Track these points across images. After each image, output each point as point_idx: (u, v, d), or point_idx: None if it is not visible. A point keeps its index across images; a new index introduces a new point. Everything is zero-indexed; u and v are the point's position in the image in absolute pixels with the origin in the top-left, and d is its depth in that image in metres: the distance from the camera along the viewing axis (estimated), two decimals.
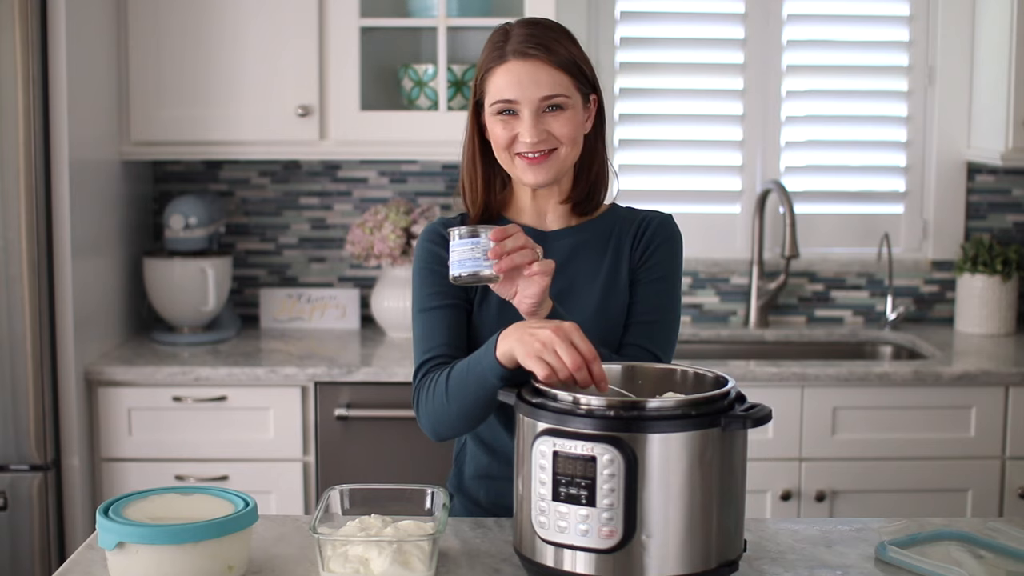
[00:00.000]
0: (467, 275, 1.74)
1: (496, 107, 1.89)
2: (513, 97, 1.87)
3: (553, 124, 1.88)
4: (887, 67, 3.66)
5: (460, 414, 1.83)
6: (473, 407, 1.80)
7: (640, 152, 3.66)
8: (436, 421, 1.88)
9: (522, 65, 1.87)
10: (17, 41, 2.81)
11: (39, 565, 2.93)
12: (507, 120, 1.88)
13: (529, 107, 1.87)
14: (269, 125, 3.28)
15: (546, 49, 1.88)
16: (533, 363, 1.66)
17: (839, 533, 1.86)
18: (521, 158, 1.90)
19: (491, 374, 1.74)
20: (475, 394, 1.78)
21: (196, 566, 1.59)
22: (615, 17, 3.60)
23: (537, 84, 1.86)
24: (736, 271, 3.69)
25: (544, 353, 1.65)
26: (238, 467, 3.10)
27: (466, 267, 1.74)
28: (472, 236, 1.73)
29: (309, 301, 3.58)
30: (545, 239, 1.98)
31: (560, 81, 1.88)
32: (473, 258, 1.73)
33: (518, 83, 1.87)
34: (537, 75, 1.87)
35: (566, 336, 1.66)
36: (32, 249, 2.87)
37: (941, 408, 3.11)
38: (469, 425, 1.86)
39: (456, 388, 1.81)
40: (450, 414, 1.84)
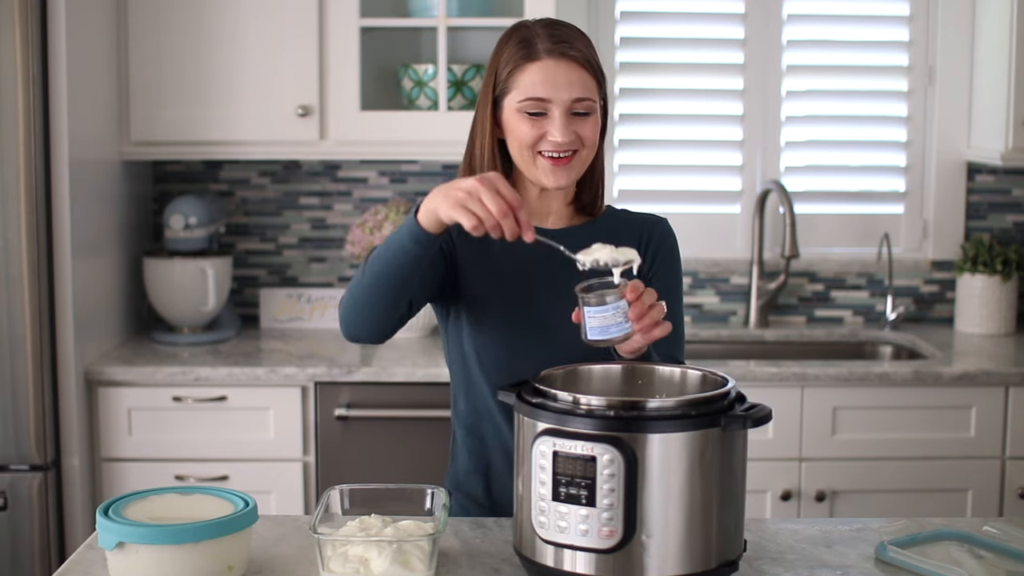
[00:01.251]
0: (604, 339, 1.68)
1: (526, 104, 1.87)
2: (547, 96, 1.86)
3: (582, 127, 1.88)
4: (887, 67, 3.66)
5: (371, 286, 1.79)
6: (383, 278, 1.77)
7: (640, 152, 3.66)
8: (350, 304, 1.83)
9: (557, 64, 1.86)
10: (17, 41, 2.81)
11: (39, 565, 2.93)
12: (536, 120, 1.87)
13: (561, 108, 1.86)
14: (269, 125, 3.28)
15: (578, 51, 1.88)
16: (458, 213, 1.66)
17: (839, 533, 1.86)
18: (544, 158, 1.88)
19: (409, 237, 1.73)
20: (392, 261, 1.76)
21: (196, 566, 1.59)
22: (615, 17, 3.60)
23: (571, 85, 1.86)
24: (736, 271, 3.69)
25: (469, 202, 1.65)
26: (238, 467, 3.10)
27: (608, 333, 1.68)
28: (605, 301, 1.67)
29: (309, 301, 3.58)
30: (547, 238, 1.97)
31: (590, 85, 1.88)
32: (615, 323, 1.68)
33: (553, 83, 1.86)
34: (571, 76, 1.86)
35: (491, 184, 1.66)
36: (32, 249, 2.87)
37: (941, 408, 3.11)
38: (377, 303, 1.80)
39: (373, 261, 1.79)
40: (362, 289, 1.80)
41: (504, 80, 1.90)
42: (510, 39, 1.92)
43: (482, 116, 1.95)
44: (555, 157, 1.88)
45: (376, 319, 1.84)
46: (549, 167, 1.89)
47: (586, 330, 1.70)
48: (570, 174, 1.90)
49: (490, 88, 1.93)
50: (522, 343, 1.91)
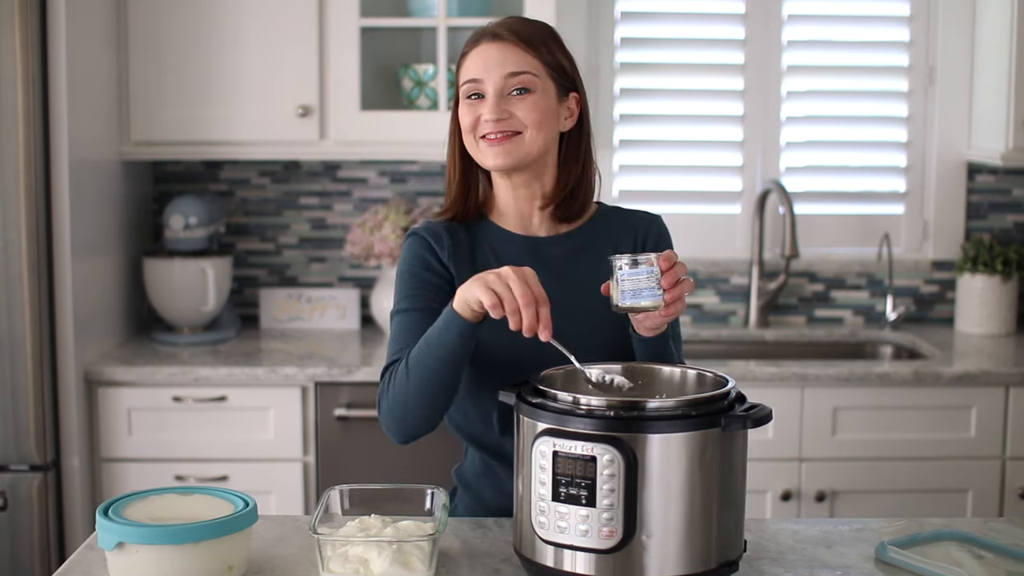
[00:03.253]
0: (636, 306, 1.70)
1: (465, 89, 1.88)
2: (478, 76, 1.87)
3: (519, 106, 1.86)
4: (887, 67, 3.66)
5: (420, 388, 1.78)
6: (433, 374, 1.76)
7: (640, 152, 3.66)
8: (397, 407, 1.82)
9: (491, 46, 1.87)
10: (17, 41, 2.81)
11: (39, 565, 2.93)
12: (473, 103, 1.88)
13: (493, 86, 1.86)
14: (269, 125, 3.28)
15: (518, 34, 1.88)
16: (482, 292, 1.66)
17: (839, 533, 1.86)
18: (483, 140, 1.88)
19: (452, 331, 1.73)
20: (436, 357, 1.75)
21: (196, 566, 1.59)
22: (615, 17, 3.60)
23: (502, 63, 1.86)
24: (736, 271, 3.69)
25: (496, 284, 1.66)
26: (238, 467, 3.10)
27: (641, 297, 1.69)
28: (639, 265, 1.69)
29: (309, 301, 3.58)
30: (538, 246, 1.95)
31: (526, 61, 1.87)
32: (648, 287, 1.69)
33: (484, 62, 1.87)
34: (504, 54, 1.86)
35: (522, 274, 1.66)
36: (32, 249, 2.87)
37: (941, 408, 3.11)
38: (430, 403, 1.80)
39: (417, 359, 1.78)
40: (410, 391, 1.79)
41: (457, 76, 1.93)
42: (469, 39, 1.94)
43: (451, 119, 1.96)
44: (491, 136, 1.87)
45: (435, 414, 1.83)
46: (487, 147, 1.88)
47: (618, 294, 1.71)
48: (509, 155, 1.87)
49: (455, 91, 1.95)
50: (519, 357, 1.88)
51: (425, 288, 1.91)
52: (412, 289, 1.92)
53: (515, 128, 1.87)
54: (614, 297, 1.72)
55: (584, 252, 1.96)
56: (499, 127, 1.86)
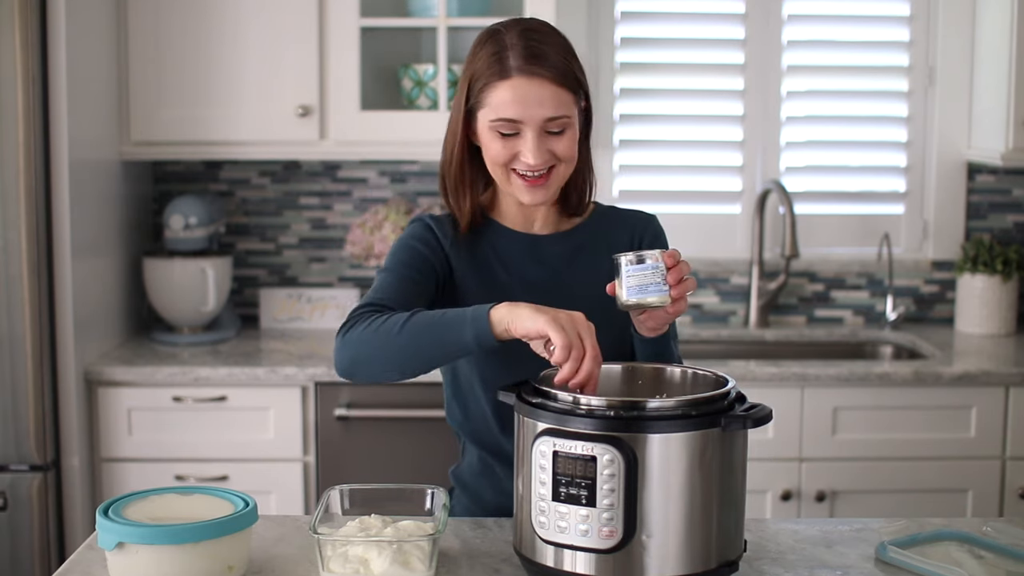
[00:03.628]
0: (642, 302, 1.70)
1: (498, 124, 1.82)
2: (517, 117, 1.80)
3: (556, 145, 1.83)
4: (887, 67, 3.66)
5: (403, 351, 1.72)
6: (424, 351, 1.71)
7: (640, 152, 3.66)
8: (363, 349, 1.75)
9: (528, 84, 1.80)
10: (17, 41, 2.81)
11: (39, 565, 2.93)
12: (507, 140, 1.82)
13: (533, 128, 1.81)
14: (269, 125, 3.28)
15: (551, 67, 1.81)
16: (555, 332, 1.59)
17: (839, 533, 1.86)
18: (519, 177, 1.84)
19: (471, 332, 1.67)
20: (439, 341, 1.70)
21: (196, 566, 1.59)
22: (615, 17, 3.60)
23: (542, 104, 1.80)
24: (736, 271, 3.69)
25: (570, 328, 1.60)
26: (238, 467, 3.10)
27: (646, 292, 1.69)
28: (644, 261, 1.69)
29: (309, 301, 3.58)
30: (538, 244, 1.96)
31: (563, 100, 1.82)
32: (654, 283, 1.69)
33: (523, 103, 1.80)
34: (542, 94, 1.80)
35: (591, 328, 1.63)
36: (32, 249, 2.87)
37: (941, 408, 3.11)
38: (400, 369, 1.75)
39: (418, 326, 1.71)
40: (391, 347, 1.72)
41: (477, 94, 1.85)
42: (484, 46, 1.86)
43: (455, 122, 1.90)
44: (530, 176, 1.84)
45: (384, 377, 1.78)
46: (524, 186, 1.85)
47: (624, 291, 1.70)
48: (547, 192, 1.86)
49: (463, 96, 1.87)
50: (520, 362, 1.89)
51: (418, 260, 1.89)
52: (405, 256, 1.90)
53: (551, 164, 1.84)
54: (620, 295, 1.71)
55: (583, 251, 1.96)
56: (539, 169, 1.83)
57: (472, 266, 1.93)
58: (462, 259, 1.93)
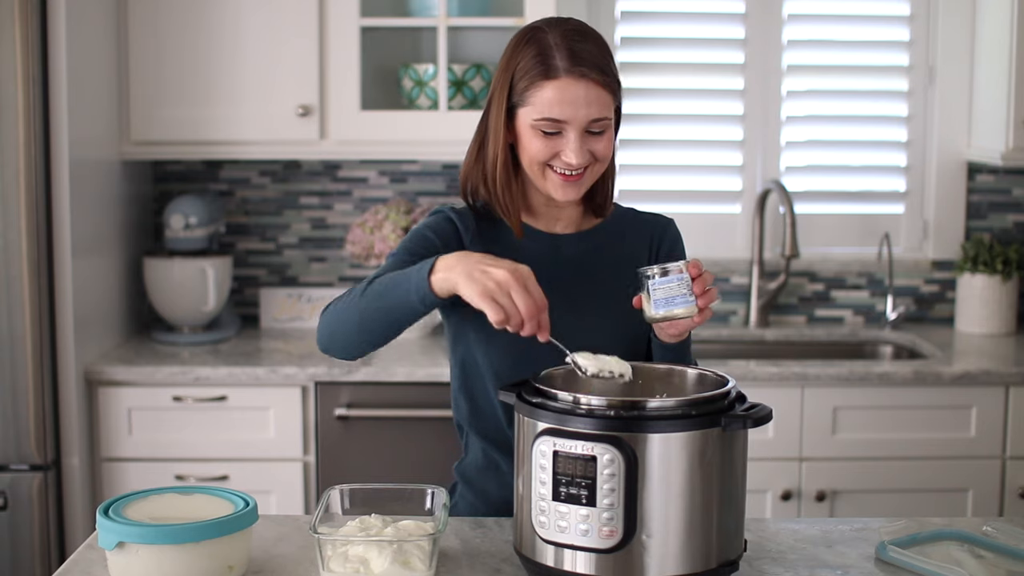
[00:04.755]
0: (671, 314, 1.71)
1: (541, 123, 1.83)
2: (563, 118, 1.82)
3: (596, 145, 1.85)
4: (887, 67, 3.66)
5: (363, 317, 1.77)
6: (379, 315, 1.76)
7: (640, 152, 3.66)
8: (335, 320, 1.81)
9: (575, 85, 1.81)
10: (17, 41, 2.81)
11: (39, 565, 2.93)
12: (550, 138, 1.84)
13: (576, 129, 1.83)
14: (269, 125, 3.28)
15: (599, 70, 1.83)
16: (486, 304, 1.63)
17: (839, 533, 1.86)
18: (556, 173, 1.86)
19: (416, 295, 1.71)
20: (389, 305, 1.74)
21: (196, 566, 1.59)
22: (615, 17, 3.60)
23: (588, 105, 1.82)
24: (736, 271, 3.69)
25: (498, 295, 1.63)
26: (238, 467, 3.10)
27: (674, 305, 1.71)
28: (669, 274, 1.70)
29: (309, 301, 3.58)
30: (559, 243, 1.97)
31: (607, 103, 1.84)
32: (681, 295, 1.70)
33: (571, 103, 1.82)
34: (588, 96, 1.82)
35: (522, 281, 1.64)
36: (32, 249, 2.87)
37: (941, 408, 3.11)
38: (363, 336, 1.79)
39: (374, 292, 1.76)
40: (351, 313, 1.78)
41: (520, 92, 1.85)
42: (527, 46, 1.86)
43: (496, 121, 1.89)
44: (567, 174, 1.86)
45: (357, 347, 1.83)
46: (560, 182, 1.87)
47: (651, 305, 1.72)
48: (581, 189, 1.88)
49: (505, 94, 1.87)
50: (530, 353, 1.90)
51: (426, 248, 1.90)
52: (414, 244, 1.91)
53: (588, 163, 1.87)
54: (647, 309, 1.73)
55: (601, 251, 1.98)
56: (579, 168, 1.85)
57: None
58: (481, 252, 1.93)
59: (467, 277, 1.65)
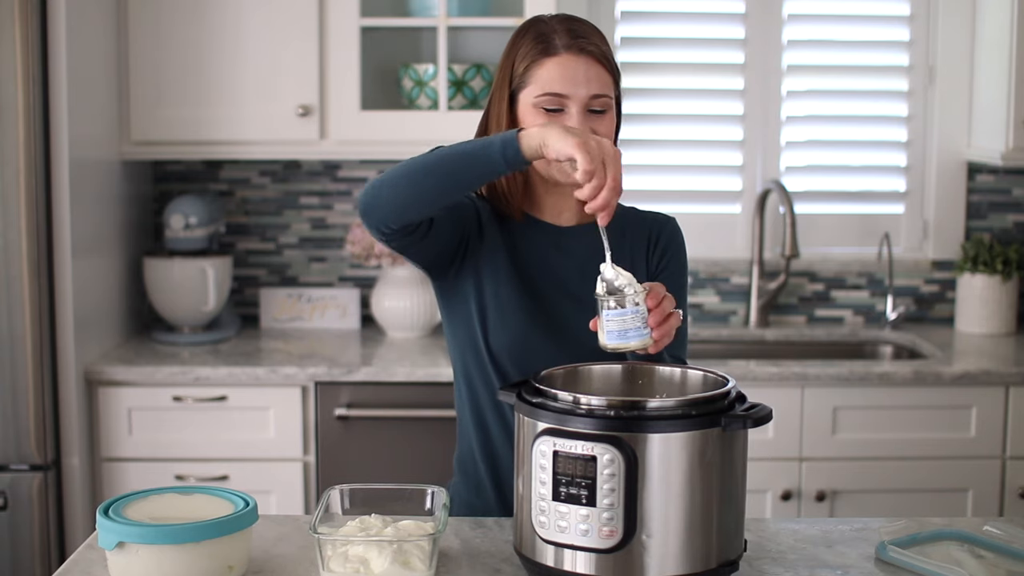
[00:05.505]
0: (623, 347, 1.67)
1: (543, 100, 1.85)
2: (565, 92, 1.84)
3: (598, 125, 1.86)
4: (887, 67, 3.66)
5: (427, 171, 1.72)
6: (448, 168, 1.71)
7: (640, 152, 3.66)
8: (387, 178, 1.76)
9: (576, 60, 1.84)
10: (17, 41, 2.81)
11: (39, 565, 2.93)
12: (552, 115, 1.85)
13: (578, 104, 1.84)
14: (269, 125, 3.28)
15: (598, 48, 1.86)
16: (580, 151, 1.60)
17: (839, 533, 1.86)
18: None
19: (501, 154, 1.67)
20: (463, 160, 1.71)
21: (196, 566, 1.59)
22: (615, 17, 3.60)
23: (589, 81, 1.84)
24: (736, 271, 3.69)
25: (595, 152, 1.61)
26: (238, 467, 3.10)
27: (626, 338, 1.66)
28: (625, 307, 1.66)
29: (309, 301, 3.58)
30: (562, 236, 1.97)
31: (607, 81, 1.87)
32: (634, 327, 1.66)
33: (572, 78, 1.84)
34: (589, 72, 1.85)
35: (618, 155, 1.63)
36: (32, 249, 2.87)
37: (941, 408, 3.11)
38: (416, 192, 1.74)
39: (443, 152, 1.73)
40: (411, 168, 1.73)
41: (521, 74, 1.88)
42: (526, 33, 1.90)
43: (497, 111, 1.92)
44: None
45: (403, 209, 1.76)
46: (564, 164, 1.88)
47: (603, 334, 1.68)
48: None
49: (506, 82, 1.90)
50: (534, 340, 1.90)
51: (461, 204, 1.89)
52: None
53: None
54: (600, 337, 1.69)
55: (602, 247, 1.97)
56: None
57: (498, 248, 1.94)
58: (491, 238, 1.94)
59: (564, 131, 1.64)
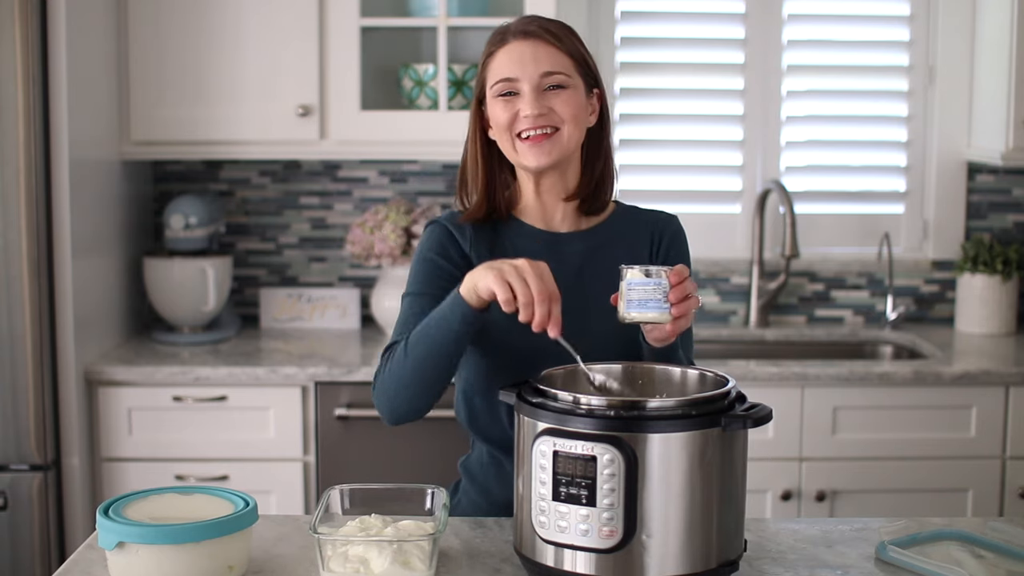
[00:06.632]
0: (641, 317, 1.71)
1: (497, 88, 1.88)
2: (513, 75, 1.87)
3: (555, 101, 1.87)
4: (887, 67, 3.66)
5: (415, 369, 1.79)
6: (430, 357, 1.77)
7: (640, 152, 3.66)
8: (391, 387, 1.83)
9: (523, 44, 1.87)
10: (17, 41, 2.81)
11: (39, 565, 2.93)
12: (508, 100, 1.88)
13: (530, 83, 1.86)
14: (269, 125, 3.28)
15: (547, 31, 1.88)
16: (497, 285, 1.66)
17: (839, 533, 1.86)
18: (522, 141, 1.88)
19: (455, 318, 1.73)
20: (436, 341, 1.76)
21: (196, 566, 1.59)
22: (615, 17, 3.60)
23: (537, 61, 1.87)
24: (736, 271, 3.69)
25: (511, 277, 1.66)
26: (238, 467, 3.10)
27: (646, 308, 1.70)
28: (649, 276, 1.70)
29: (309, 301, 3.58)
30: (558, 242, 1.97)
31: (561, 61, 1.88)
32: (655, 299, 1.70)
33: (519, 61, 1.87)
34: (537, 52, 1.87)
35: (538, 269, 1.67)
36: (32, 249, 2.87)
37: (941, 408, 3.11)
38: (423, 386, 1.80)
39: (416, 340, 1.79)
40: (405, 371, 1.79)
41: (481, 74, 1.92)
42: (491, 42, 1.94)
43: (472, 118, 1.96)
44: (532, 135, 1.87)
45: (426, 398, 1.84)
46: (527, 147, 1.88)
47: (625, 304, 1.71)
48: (551, 153, 1.89)
49: (475, 90, 1.95)
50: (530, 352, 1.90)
51: (440, 276, 1.92)
52: (426, 275, 1.93)
53: (554, 123, 1.88)
54: (620, 307, 1.72)
55: (602, 249, 1.97)
56: (539, 122, 1.87)
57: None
58: (482, 256, 1.94)
59: (486, 268, 1.69)
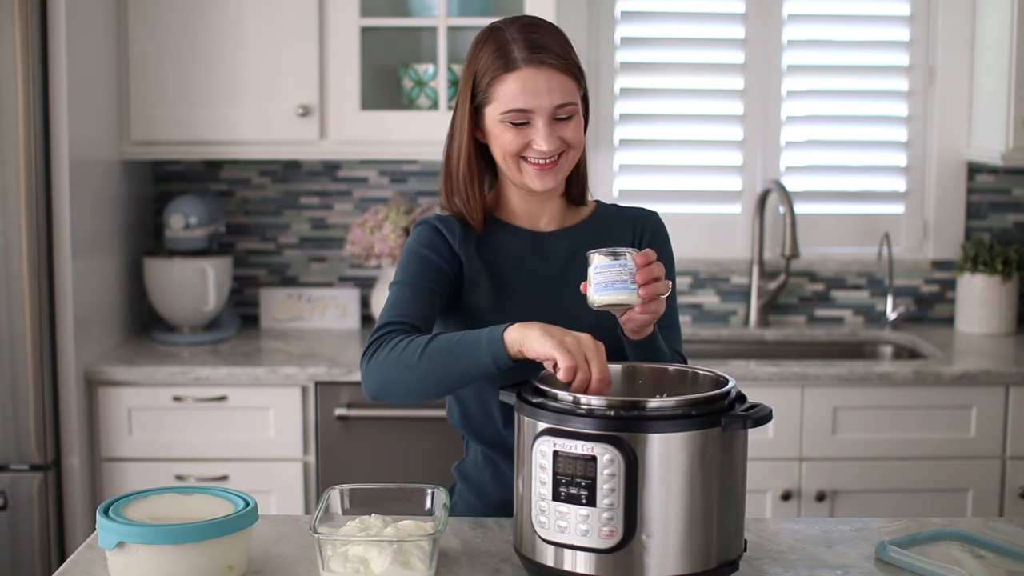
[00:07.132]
0: (609, 299, 1.70)
1: (509, 116, 1.86)
2: (528, 107, 1.85)
3: (565, 131, 1.88)
4: (887, 67, 3.66)
5: (425, 378, 1.76)
6: (446, 377, 1.75)
7: (640, 152, 3.66)
8: (389, 376, 1.79)
9: (535, 73, 1.85)
10: (17, 41, 2.81)
11: (39, 565, 2.93)
12: (520, 129, 1.87)
13: (544, 116, 1.85)
14: (269, 125, 3.28)
15: (555, 55, 1.86)
16: (560, 352, 1.62)
17: (839, 533, 1.86)
18: (530, 164, 1.88)
19: (488, 354, 1.69)
20: (458, 366, 1.73)
21: (196, 566, 1.59)
22: (615, 17, 3.60)
23: (551, 92, 1.85)
24: (736, 271, 3.69)
25: (573, 348, 1.62)
26: (238, 467, 3.10)
27: (613, 290, 1.69)
28: (616, 258, 1.69)
29: (309, 301, 3.58)
30: (542, 241, 1.98)
31: (570, 88, 1.87)
32: (621, 280, 1.69)
33: (533, 92, 1.85)
34: (551, 83, 1.85)
35: (600, 348, 1.64)
36: (32, 249, 2.87)
37: (941, 408, 3.11)
38: (422, 392, 1.79)
39: (437, 353, 1.75)
40: (413, 373, 1.76)
41: (484, 90, 1.89)
42: (485, 44, 1.90)
43: (460, 122, 1.93)
44: (541, 163, 1.88)
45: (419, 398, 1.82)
46: (535, 172, 1.89)
47: (592, 288, 1.71)
48: (557, 176, 1.90)
49: (468, 94, 1.91)
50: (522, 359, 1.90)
51: (429, 268, 1.91)
52: (416, 267, 1.92)
53: (562, 150, 1.89)
54: (589, 293, 1.72)
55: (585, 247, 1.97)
56: (551, 154, 1.87)
57: (480, 264, 1.95)
58: (471, 257, 1.94)
59: (543, 332, 1.65)
